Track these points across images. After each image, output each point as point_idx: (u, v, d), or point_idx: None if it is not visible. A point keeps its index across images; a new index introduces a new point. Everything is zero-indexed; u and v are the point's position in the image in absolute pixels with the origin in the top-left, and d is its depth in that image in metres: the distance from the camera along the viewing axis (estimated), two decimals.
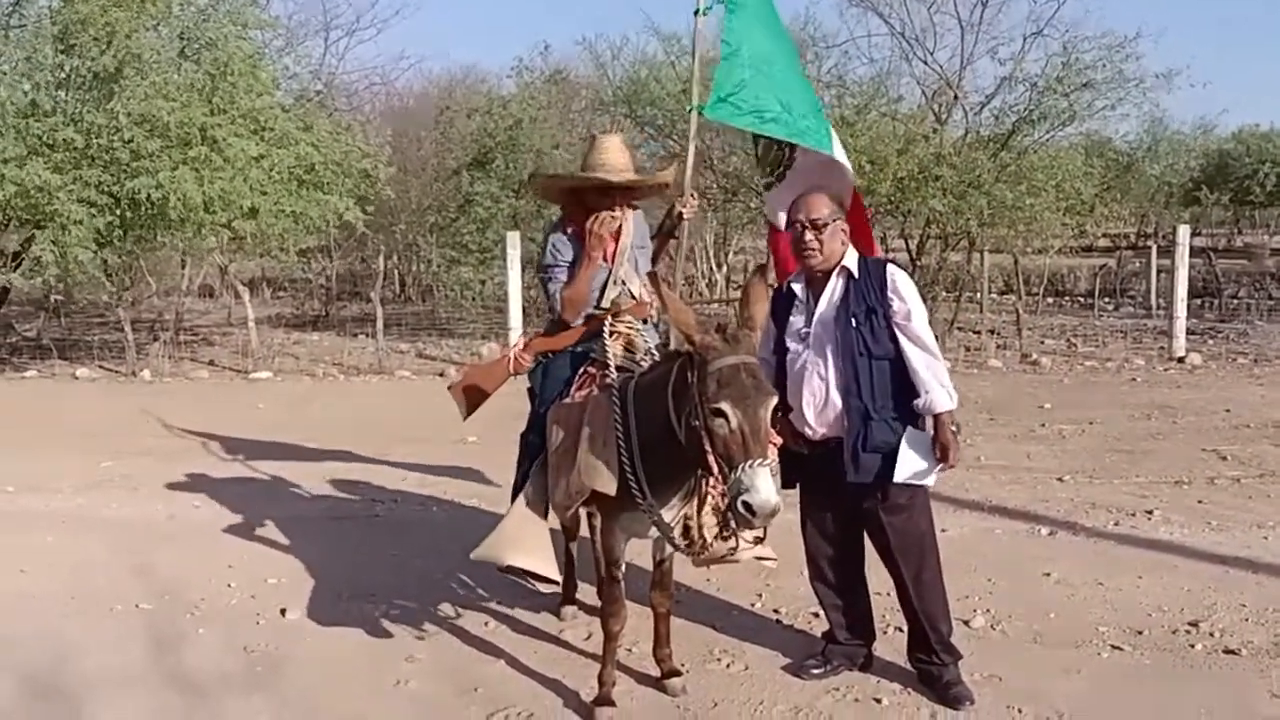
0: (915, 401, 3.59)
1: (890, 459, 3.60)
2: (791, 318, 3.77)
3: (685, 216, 4.44)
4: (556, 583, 4.12)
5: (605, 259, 4.18)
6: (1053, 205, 13.42)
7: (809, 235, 3.63)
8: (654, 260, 4.45)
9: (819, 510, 3.92)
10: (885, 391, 3.61)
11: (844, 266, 3.67)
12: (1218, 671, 3.98)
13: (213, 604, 4.92)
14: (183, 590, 5.06)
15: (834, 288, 3.68)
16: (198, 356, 14.09)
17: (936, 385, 3.56)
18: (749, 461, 2.98)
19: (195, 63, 12.10)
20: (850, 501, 3.79)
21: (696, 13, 4.43)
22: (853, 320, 3.60)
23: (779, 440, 3.48)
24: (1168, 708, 3.72)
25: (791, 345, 3.75)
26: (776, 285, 3.89)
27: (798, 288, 3.78)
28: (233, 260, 16.89)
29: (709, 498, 3.49)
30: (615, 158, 4.17)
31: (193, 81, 11.71)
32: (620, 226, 4.21)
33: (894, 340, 3.60)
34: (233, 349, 14.45)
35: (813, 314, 3.70)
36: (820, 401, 3.66)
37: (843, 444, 3.66)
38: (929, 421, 3.65)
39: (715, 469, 3.08)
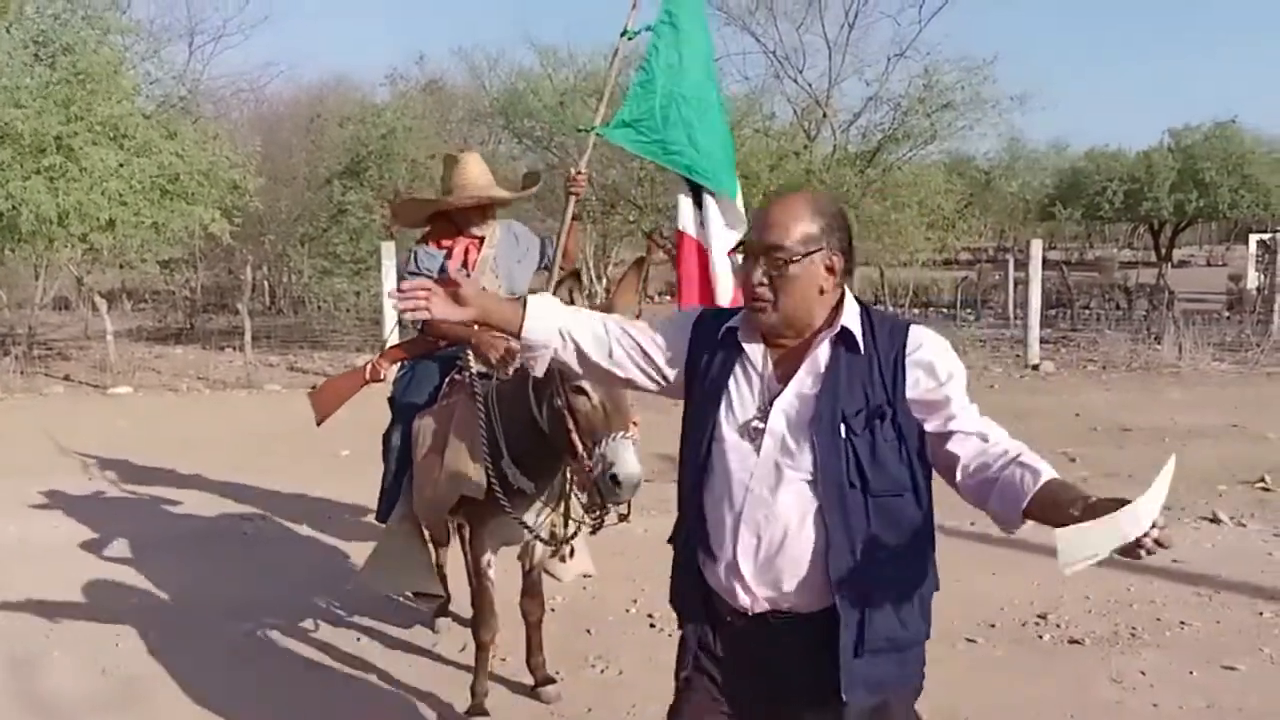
0: (1016, 479, 1.95)
1: (896, 664, 2.09)
2: (732, 386, 2.11)
3: (575, 193, 4.15)
4: (441, 597, 4.13)
5: (467, 266, 4.20)
6: (916, 220, 14.01)
7: (758, 274, 2.05)
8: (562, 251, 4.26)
9: None
10: (893, 551, 2.04)
11: (843, 328, 2.06)
12: (1063, 660, 4.22)
13: (69, 626, 4.73)
14: (38, 613, 4.85)
15: (817, 360, 2.06)
16: (52, 371, 13.48)
17: (1030, 453, 2.00)
18: (612, 435, 3.06)
19: (50, 67, 11.61)
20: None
21: (623, 35, 4.34)
22: (842, 425, 2.00)
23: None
24: (1016, 695, 3.93)
25: (724, 435, 2.09)
26: (701, 312, 2.30)
27: (749, 346, 2.12)
28: (89, 272, 16.24)
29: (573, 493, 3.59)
30: (477, 174, 4.24)
31: (47, 87, 11.23)
32: (484, 237, 4.27)
33: (909, 463, 2.04)
34: (90, 363, 13.88)
35: (773, 395, 2.07)
36: (771, 549, 2.05)
37: (790, 623, 2.09)
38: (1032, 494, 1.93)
39: (580, 448, 3.15)
